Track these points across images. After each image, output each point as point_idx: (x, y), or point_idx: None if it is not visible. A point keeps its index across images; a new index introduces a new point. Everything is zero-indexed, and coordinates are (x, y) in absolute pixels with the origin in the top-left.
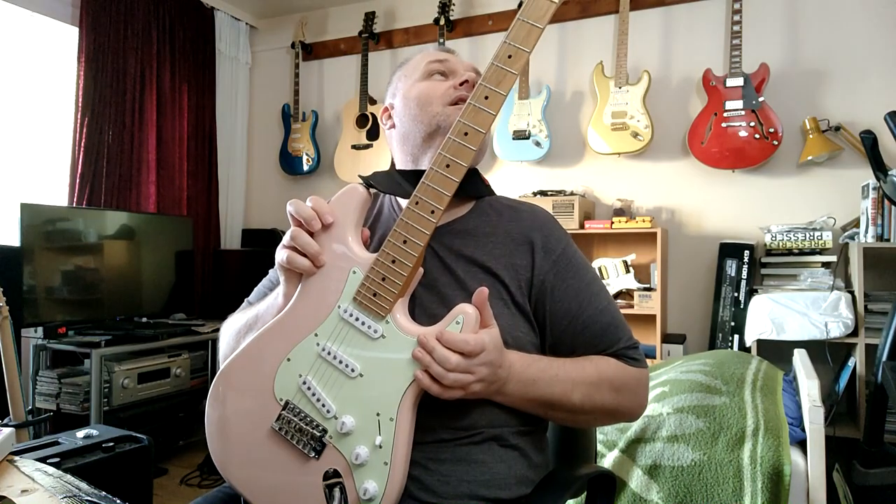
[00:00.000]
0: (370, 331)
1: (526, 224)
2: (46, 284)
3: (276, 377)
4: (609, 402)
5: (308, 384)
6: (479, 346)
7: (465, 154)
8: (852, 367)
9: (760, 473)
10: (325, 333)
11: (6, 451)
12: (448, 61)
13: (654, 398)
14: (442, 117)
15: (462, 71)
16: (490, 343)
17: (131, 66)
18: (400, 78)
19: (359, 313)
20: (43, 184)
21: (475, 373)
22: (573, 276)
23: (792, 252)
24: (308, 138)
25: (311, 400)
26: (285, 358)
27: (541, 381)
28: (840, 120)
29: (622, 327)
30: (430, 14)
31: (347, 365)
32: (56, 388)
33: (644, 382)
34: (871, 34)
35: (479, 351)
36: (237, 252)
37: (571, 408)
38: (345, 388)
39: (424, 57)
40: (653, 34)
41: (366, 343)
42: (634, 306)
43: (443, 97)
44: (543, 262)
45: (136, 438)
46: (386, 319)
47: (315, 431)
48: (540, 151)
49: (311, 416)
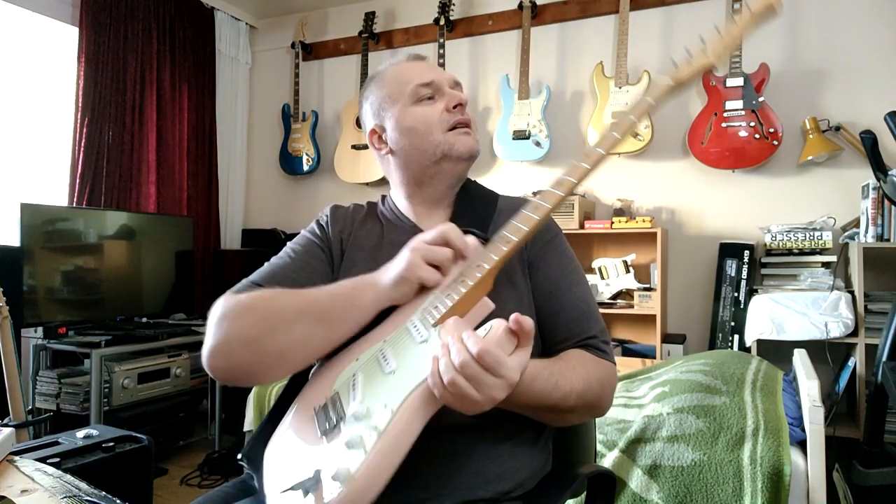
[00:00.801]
0: (418, 335)
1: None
2: (46, 284)
3: (342, 372)
4: (596, 397)
5: (355, 378)
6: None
7: (553, 198)
8: (852, 367)
9: (760, 473)
10: (391, 340)
11: (6, 451)
12: (434, 82)
13: (654, 398)
14: (446, 146)
15: (446, 86)
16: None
17: (131, 66)
18: (383, 99)
19: (419, 322)
20: (43, 184)
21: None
22: (557, 261)
23: (792, 252)
24: (308, 138)
25: (350, 390)
26: (356, 358)
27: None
28: (840, 120)
29: (597, 319)
30: (430, 14)
31: (388, 362)
32: (56, 388)
33: (615, 375)
34: (871, 34)
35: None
36: (237, 252)
37: (564, 410)
38: (377, 382)
39: (407, 76)
40: (653, 34)
41: (410, 345)
42: (634, 306)
43: (440, 123)
44: (534, 244)
45: (136, 438)
46: (435, 328)
47: (337, 415)
48: (540, 151)
49: (342, 403)
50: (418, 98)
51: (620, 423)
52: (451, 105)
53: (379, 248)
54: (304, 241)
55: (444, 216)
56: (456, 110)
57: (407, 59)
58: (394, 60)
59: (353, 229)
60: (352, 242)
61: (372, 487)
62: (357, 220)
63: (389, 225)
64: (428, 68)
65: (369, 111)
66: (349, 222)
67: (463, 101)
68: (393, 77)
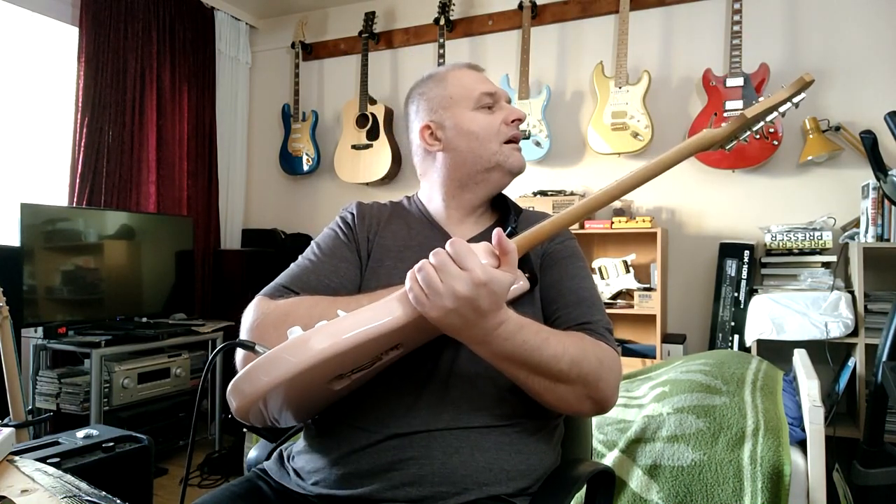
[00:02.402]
0: None
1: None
2: (46, 284)
3: None
4: (593, 372)
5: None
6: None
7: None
8: (852, 367)
9: (760, 473)
10: None
11: (6, 451)
12: (496, 94)
13: (654, 398)
14: (501, 157)
15: (503, 100)
16: (493, 278)
17: (131, 66)
18: (445, 98)
19: None
20: (43, 184)
21: (445, 275)
22: (569, 258)
23: (792, 252)
24: (308, 138)
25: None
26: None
27: (530, 343)
28: (840, 120)
29: (599, 309)
30: (430, 14)
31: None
32: (56, 388)
33: (619, 365)
34: (871, 34)
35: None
36: (237, 252)
37: (556, 375)
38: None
39: (471, 82)
40: (653, 34)
41: None
42: (634, 306)
43: (498, 134)
44: (549, 244)
45: (136, 438)
46: None
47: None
48: (540, 151)
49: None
50: (480, 105)
51: (620, 423)
52: (509, 119)
53: (405, 249)
54: (330, 241)
55: (473, 223)
56: (513, 124)
57: (467, 66)
58: (453, 64)
59: (379, 228)
60: (378, 242)
61: (309, 348)
62: (383, 220)
63: (417, 226)
64: (488, 80)
65: (424, 107)
66: (375, 221)
67: (522, 117)
68: (456, 79)
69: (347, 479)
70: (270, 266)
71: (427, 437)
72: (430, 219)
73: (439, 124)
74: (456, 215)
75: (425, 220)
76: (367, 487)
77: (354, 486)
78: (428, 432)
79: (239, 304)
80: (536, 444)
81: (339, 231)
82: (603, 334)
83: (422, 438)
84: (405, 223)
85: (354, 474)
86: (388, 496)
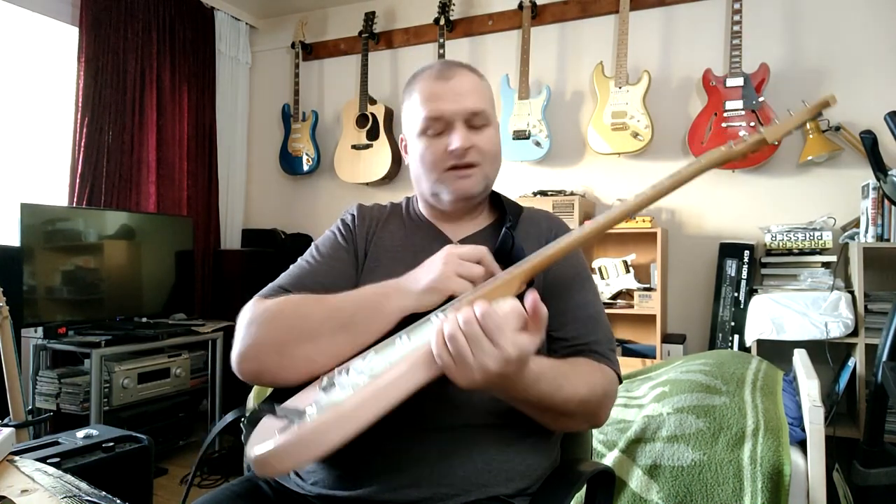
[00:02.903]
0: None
1: (544, 226)
2: (46, 284)
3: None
4: (597, 405)
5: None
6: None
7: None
8: (852, 367)
9: (760, 473)
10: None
11: (6, 451)
12: (443, 118)
13: (654, 398)
14: (439, 186)
15: (459, 121)
16: (523, 350)
17: (131, 66)
18: (405, 115)
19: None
20: (43, 184)
21: (476, 350)
22: (571, 265)
23: (792, 252)
24: (308, 138)
25: (360, 360)
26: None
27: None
28: (840, 120)
29: (604, 325)
30: (430, 14)
31: (402, 339)
32: (56, 388)
33: (617, 387)
34: (871, 34)
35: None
36: (237, 252)
37: (563, 412)
38: (388, 351)
39: (421, 104)
40: (653, 34)
41: (427, 326)
42: (634, 306)
43: (440, 162)
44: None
45: (136, 438)
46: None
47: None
48: (540, 151)
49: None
50: (424, 130)
51: (620, 423)
52: (450, 147)
53: (402, 250)
54: (329, 243)
55: (469, 223)
56: (454, 153)
57: (436, 75)
58: (426, 72)
59: (377, 229)
60: (376, 242)
61: (352, 420)
62: (381, 220)
63: (413, 228)
64: (445, 97)
65: (402, 114)
66: (374, 222)
67: (461, 147)
68: (414, 96)
69: (346, 480)
70: (270, 266)
71: (426, 438)
72: (427, 220)
73: (405, 139)
74: (447, 218)
75: (422, 221)
76: (366, 489)
77: (354, 486)
78: (426, 433)
79: (239, 304)
80: (536, 444)
81: (337, 233)
82: (608, 356)
83: (421, 439)
84: (402, 224)
85: (353, 475)
86: (387, 497)
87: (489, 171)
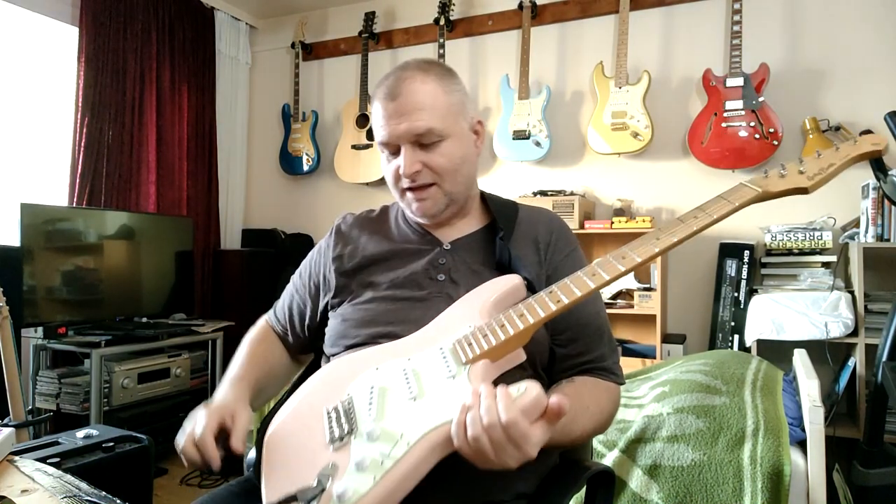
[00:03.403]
0: (447, 369)
1: (543, 228)
2: (46, 284)
3: (359, 377)
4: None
5: (373, 392)
6: (522, 436)
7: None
8: (852, 367)
9: (760, 473)
10: (417, 359)
11: (6, 451)
12: (390, 144)
13: (654, 398)
14: (403, 203)
15: (406, 143)
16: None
17: (131, 66)
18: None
19: (450, 354)
20: (43, 184)
21: (500, 453)
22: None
23: (792, 252)
24: (308, 138)
25: (366, 403)
26: (375, 367)
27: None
28: (840, 120)
29: (609, 337)
30: (430, 14)
31: (411, 388)
32: (56, 388)
33: (620, 397)
34: (871, 34)
35: (518, 435)
36: (237, 252)
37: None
38: (398, 405)
39: (374, 122)
40: (653, 34)
41: (437, 377)
42: (634, 306)
43: (397, 183)
44: (553, 257)
45: (136, 438)
46: (466, 366)
47: (349, 425)
48: (540, 151)
49: (356, 414)
50: (382, 152)
51: (620, 423)
52: (398, 173)
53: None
54: (306, 269)
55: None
56: (403, 180)
57: (386, 93)
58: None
59: (362, 240)
60: (364, 251)
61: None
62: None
63: (407, 230)
64: (391, 118)
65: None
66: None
67: (409, 172)
68: (374, 114)
69: None
70: (270, 266)
71: None
72: (415, 223)
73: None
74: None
75: (411, 226)
76: None
77: None
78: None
79: (239, 304)
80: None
81: (312, 261)
82: (613, 370)
83: None
84: (394, 227)
85: None
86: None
87: (450, 187)
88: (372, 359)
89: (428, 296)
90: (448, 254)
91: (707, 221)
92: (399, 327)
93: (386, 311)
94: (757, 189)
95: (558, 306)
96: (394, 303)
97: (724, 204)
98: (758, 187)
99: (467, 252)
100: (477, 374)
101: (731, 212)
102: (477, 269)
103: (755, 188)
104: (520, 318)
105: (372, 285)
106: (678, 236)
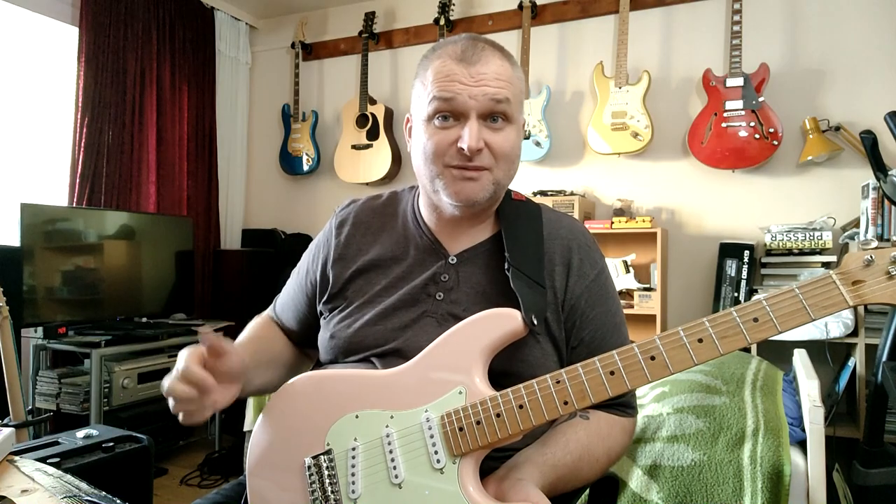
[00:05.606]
0: (435, 457)
1: (564, 243)
2: (46, 284)
3: (337, 423)
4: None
5: (355, 455)
6: None
7: (638, 377)
8: (852, 367)
9: (760, 473)
10: (400, 425)
11: (6, 451)
12: (456, 105)
13: (654, 398)
14: (440, 183)
15: (474, 115)
16: None
17: (131, 66)
18: (416, 91)
19: (438, 434)
20: (43, 184)
21: None
22: (602, 303)
23: (792, 252)
24: (308, 138)
25: (347, 468)
26: (355, 414)
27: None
28: (840, 120)
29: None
30: (430, 14)
31: (396, 471)
32: (56, 388)
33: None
34: (871, 34)
35: None
36: (237, 252)
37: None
38: (380, 485)
39: (437, 80)
40: (653, 34)
41: (424, 464)
42: (634, 306)
43: (446, 156)
44: (576, 285)
45: (136, 438)
46: (455, 459)
47: (332, 497)
48: (540, 151)
49: (338, 483)
50: (434, 113)
51: None
52: (459, 144)
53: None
54: (304, 265)
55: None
56: (462, 152)
57: (459, 55)
58: (448, 47)
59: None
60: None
61: None
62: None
63: (411, 235)
64: (463, 80)
65: (413, 91)
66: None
67: (473, 147)
68: (429, 74)
69: None
70: (270, 266)
71: None
72: (424, 224)
73: (410, 121)
74: (448, 223)
75: (419, 228)
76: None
77: None
78: None
79: (239, 304)
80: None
81: (310, 255)
82: (632, 404)
83: None
84: (401, 226)
85: None
86: None
87: (501, 176)
88: (353, 397)
89: (422, 316)
90: (452, 268)
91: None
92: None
93: (374, 333)
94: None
95: (565, 409)
96: (385, 321)
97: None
98: (803, 314)
99: (474, 267)
100: (465, 475)
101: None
102: (481, 290)
103: (806, 315)
104: (520, 409)
105: (365, 299)
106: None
